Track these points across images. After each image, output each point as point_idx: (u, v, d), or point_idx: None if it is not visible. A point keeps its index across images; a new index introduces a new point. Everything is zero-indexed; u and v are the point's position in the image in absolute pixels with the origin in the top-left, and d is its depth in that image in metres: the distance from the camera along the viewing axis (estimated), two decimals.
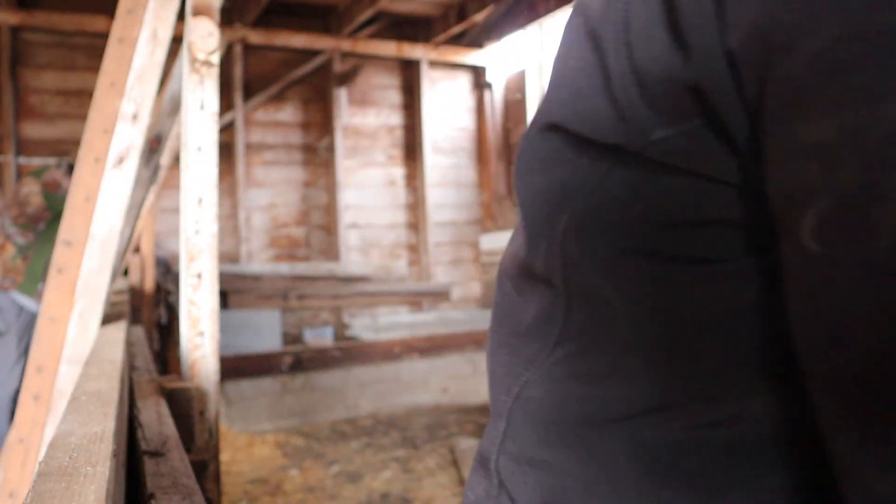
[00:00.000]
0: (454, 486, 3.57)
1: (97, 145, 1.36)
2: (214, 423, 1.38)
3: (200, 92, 1.40)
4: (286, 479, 3.79)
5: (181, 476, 0.70)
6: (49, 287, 1.34)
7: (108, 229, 1.37)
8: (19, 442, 1.28)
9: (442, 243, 6.27)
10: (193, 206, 1.40)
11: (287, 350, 4.82)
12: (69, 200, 1.36)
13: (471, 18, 5.56)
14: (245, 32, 5.41)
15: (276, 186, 5.68)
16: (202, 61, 1.39)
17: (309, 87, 5.86)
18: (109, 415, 0.71)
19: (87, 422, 0.68)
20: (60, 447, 0.60)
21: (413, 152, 6.19)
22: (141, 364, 1.44)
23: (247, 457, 4.18)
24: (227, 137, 5.46)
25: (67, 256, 1.33)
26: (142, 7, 1.39)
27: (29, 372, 1.30)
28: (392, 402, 5.13)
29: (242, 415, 4.69)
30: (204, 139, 1.41)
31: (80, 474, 0.54)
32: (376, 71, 6.09)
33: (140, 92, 1.39)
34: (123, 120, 1.37)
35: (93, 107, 1.39)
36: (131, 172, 1.39)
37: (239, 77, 5.53)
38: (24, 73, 4.97)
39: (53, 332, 1.31)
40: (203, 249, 1.40)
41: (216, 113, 1.44)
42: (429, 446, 4.25)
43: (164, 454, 0.77)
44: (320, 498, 3.53)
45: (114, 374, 0.93)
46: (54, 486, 0.52)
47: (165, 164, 2.16)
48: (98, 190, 1.36)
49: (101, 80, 1.38)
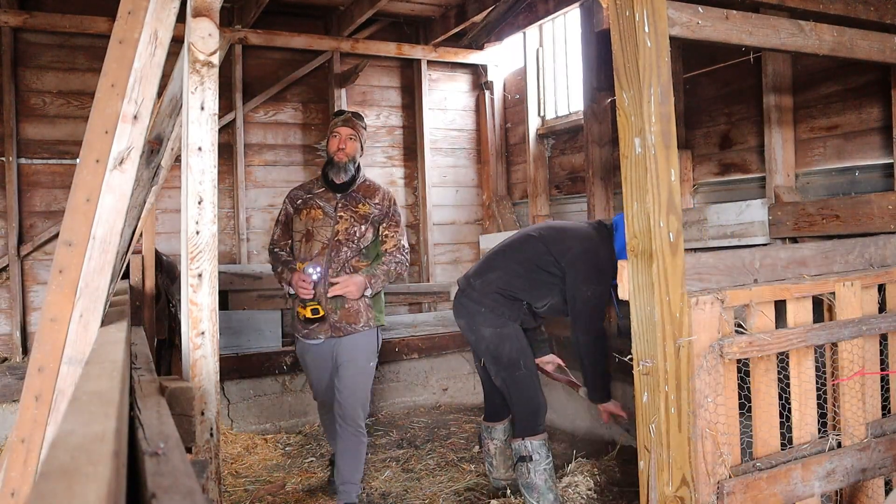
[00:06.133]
0: (454, 486, 3.58)
1: (98, 146, 1.37)
2: (215, 422, 1.38)
3: (201, 92, 1.41)
4: (286, 478, 3.80)
5: (182, 476, 0.71)
6: (50, 287, 1.34)
7: (108, 229, 1.37)
8: (21, 442, 1.28)
9: (442, 243, 6.27)
10: (193, 206, 1.41)
11: (287, 350, 4.82)
12: (70, 201, 1.37)
13: (470, 19, 5.56)
14: (245, 33, 5.42)
15: (276, 187, 5.68)
16: (202, 62, 1.40)
17: (309, 87, 5.87)
18: (110, 415, 0.71)
19: (88, 422, 0.69)
20: (62, 447, 0.61)
21: (413, 152, 6.20)
22: (142, 364, 1.45)
23: (247, 456, 4.18)
24: (227, 138, 5.46)
25: (68, 257, 1.34)
26: (142, 9, 1.39)
27: (30, 372, 1.31)
28: (392, 402, 5.13)
29: (243, 415, 4.69)
30: (204, 140, 1.41)
31: (81, 474, 0.54)
32: (376, 71, 6.09)
33: (140, 93, 1.40)
34: (124, 121, 1.38)
35: (94, 108, 1.39)
36: (132, 173, 1.40)
37: (239, 78, 5.53)
38: (25, 74, 4.98)
39: (54, 332, 1.32)
40: (203, 249, 1.41)
41: (216, 113, 1.44)
42: (429, 446, 4.25)
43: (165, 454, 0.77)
44: (320, 497, 3.54)
45: (115, 374, 0.94)
46: (56, 485, 0.52)
47: (166, 164, 2.17)
48: (99, 190, 1.36)
49: (101, 82, 1.38)
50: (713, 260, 2.02)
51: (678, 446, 1.82)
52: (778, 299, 2.06)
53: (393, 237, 3.25)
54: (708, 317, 1.89)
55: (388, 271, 3.19)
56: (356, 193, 3.26)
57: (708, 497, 1.87)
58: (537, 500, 3.09)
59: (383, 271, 3.18)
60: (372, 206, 3.24)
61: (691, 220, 3.97)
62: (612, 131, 4.73)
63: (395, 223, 3.27)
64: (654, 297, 1.80)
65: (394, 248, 3.24)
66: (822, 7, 2.35)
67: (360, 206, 3.23)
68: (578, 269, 3.06)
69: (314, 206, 3.25)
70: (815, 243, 2.36)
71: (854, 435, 2.16)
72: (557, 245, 3.13)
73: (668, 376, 1.80)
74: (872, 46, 2.36)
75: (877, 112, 3.26)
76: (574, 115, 5.46)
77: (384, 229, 3.25)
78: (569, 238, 3.15)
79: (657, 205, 1.80)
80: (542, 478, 3.10)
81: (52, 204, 5.00)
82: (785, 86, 3.60)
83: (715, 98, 4.10)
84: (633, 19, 1.81)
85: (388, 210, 3.27)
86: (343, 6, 5.63)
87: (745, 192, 3.91)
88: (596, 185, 4.81)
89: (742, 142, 3.96)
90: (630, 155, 1.86)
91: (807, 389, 2.13)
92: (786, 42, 2.17)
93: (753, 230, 3.63)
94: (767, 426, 2.06)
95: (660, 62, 1.83)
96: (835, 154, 3.47)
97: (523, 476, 3.12)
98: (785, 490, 1.98)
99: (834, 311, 2.17)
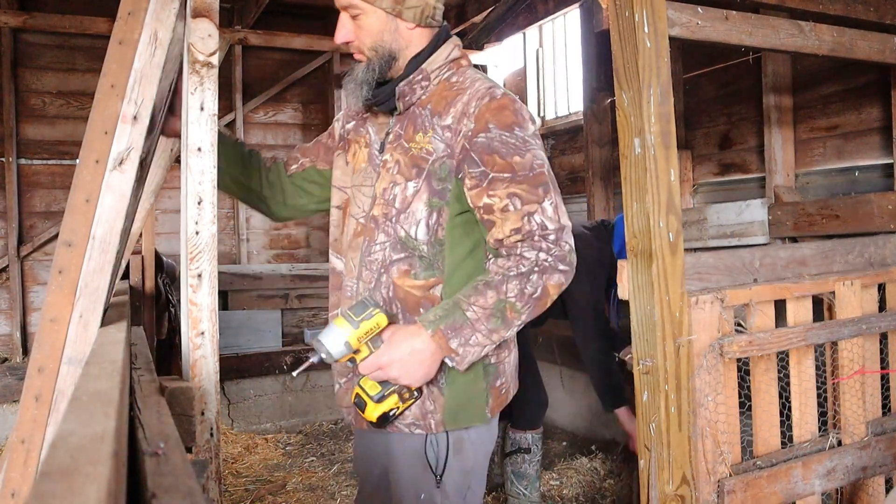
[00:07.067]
0: None
1: (98, 146, 1.37)
2: (215, 422, 1.38)
3: (200, 93, 1.41)
4: (286, 478, 3.80)
5: (182, 476, 0.71)
6: (50, 288, 1.34)
7: (108, 230, 1.37)
8: (21, 442, 1.28)
9: None
10: (193, 206, 1.41)
11: (287, 350, 4.82)
12: (70, 201, 1.37)
13: (470, 20, 5.56)
14: (245, 34, 5.42)
15: None
16: (202, 62, 1.40)
17: (309, 88, 5.87)
18: (110, 415, 0.71)
19: (88, 422, 0.69)
20: (62, 447, 0.61)
21: None
22: (142, 364, 1.45)
23: (247, 456, 4.18)
24: None
25: (68, 257, 1.34)
26: (142, 9, 1.39)
27: (30, 373, 1.31)
28: None
29: (243, 415, 4.69)
30: (204, 140, 1.41)
31: (81, 474, 0.54)
32: None
33: (140, 93, 1.40)
34: (124, 121, 1.38)
35: (93, 108, 1.39)
36: (132, 174, 1.40)
37: (239, 78, 5.53)
38: (24, 75, 4.98)
39: (54, 332, 1.32)
40: (203, 249, 1.41)
41: (216, 114, 1.44)
42: None
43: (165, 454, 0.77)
44: (320, 497, 3.54)
45: (114, 374, 0.94)
46: (56, 485, 0.52)
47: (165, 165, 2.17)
48: (98, 191, 1.36)
49: (101, 82, 1.38)
50: (713, 259, 2.02)
51: (678, 445, 1.82)
52: (778, 299, 2.06)
53: (504, 207, 1.41)
54: (708, 316, 1.89)
55: (504, 301, 1.37)
56: (421, 109, 1.51)
57: (708, 496, 1.87)
58: (526, 487, 3.22)
59: (490, 304, 1.37)
60: (438, 130, 1.46)
61: (691, 219, 3.97)
62: (611, 131, 4.73)
63: (499, 170, 1.40)
64: (653, 296, 1.80)
65: (514, 236, 1.41)
66: (822, 7, 2.35)
67: (417, 138, 1.49)
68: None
69: (360, 138, 1.64)
70: (815, 243, 2.36)
71: (854, 433, 2.16)
72: None
73: (668, 375, 1.81)
74: (872, 47, 2.36)
75: (876, 112, 3.26)
76: (574, 115, 5.46)
77: (472, 187, 1.44)
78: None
79: (657, 205, 1.80)
80: (535, 468, 3.23)
81: (51, 204, 5.00)
82: (785, 86, 3.60)
83: (715, 98, 4.10)
84: (633, 20, 1.81)
85: (476, 136, 1.42)
86: None
87: (745, 192, 3.91)
88: (596, 185, 4.81)
89: (742, 142, 3.96)
90: (630, 155, 1.86)
91: (807, 388, 2.13)
92: (785, 42, 2.17)
93: (753, 230, 3.63)
94: (768, 425, 2.06)
95: (659, 62, 1.83)
96: (835, 154, 3.47)
97: (517, 465, 3.23)
98: (785, 488, 1.98)
99: (834, 311, 2.18)
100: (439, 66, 1.53)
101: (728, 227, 3.78)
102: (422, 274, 1.47)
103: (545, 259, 1.40)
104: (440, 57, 1.53)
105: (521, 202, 1.40)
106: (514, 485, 3.24)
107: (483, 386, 1.51)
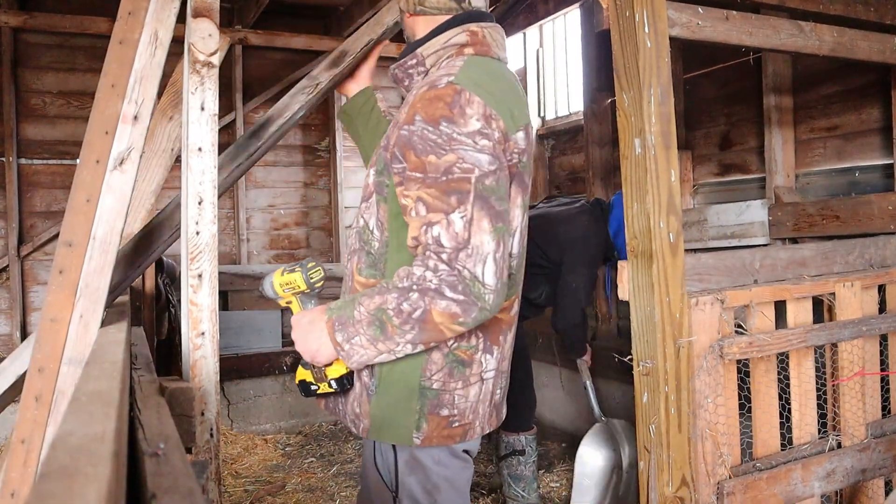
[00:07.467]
0: None
1: (98, 146, 1.37)
2: (215, 423, 1.38)
3: (201, 93, 1.41)
4: (286, 479, 3.80)
5: (182, 476, 0.71)
6: (50, 288, 1.34)
7: (108, 230, 1.37)
8: (21, 443, 1.28)
9: None
10: (193, 206, 1.41)
11: (287, 350, 4.82)
12: (70, 201, 1.37)
13: None
14: (245, 33, 5.42)
15: (276, 187, 5.68)
16: (203, 62, 1.40)
17: None
18: (110, 415, 0.71)
19: (88, 422, 0.69)
20: (62, 447, 0.61)
21: None
22: (142, 364, 1.45)
23: (247, 457, 4.18)
24: (228, 138, 5.46)
25: (68, 257, 1.34)
26: (142, 9, 1.39)
27: (30, 373, 1.31)
28: None
29: (242, 415, 4.69)
30: (204, 140, 1.41)
31: (81, 474, 0.54)
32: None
33: (141, 93, 1.40)
34: (124, 121, 1.38)
35: (94, 108, 1.39)
36: (132, 174, 1.40)
37: (239, 78, 5.53)
38: (25, 75, 4.98)
39: (54, 332, 1.32)
40: (203, 250, 1.41)
41: (216, 114, 1.45)
42: None
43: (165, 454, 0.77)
44: (320, 498, 3.54)
45: (115, 374, 0.94)
46: (56, 486, 0.52)
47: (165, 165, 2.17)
48: (99, 191, 1.36)
49: (102, 82, 1.38)
50: (713, 260, 2.02)
51: (678, 447, 1.82)
52: (778, 300, 2.06)
53: (410, 210, 1.30)
54: (708, 317, 1.89)
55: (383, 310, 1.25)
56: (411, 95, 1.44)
57: (708, 497, 1.87)
58: (524, 489, 3.21)
59: (372, 310, 1.27)
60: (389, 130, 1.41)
61: (691, 220, 3.97)
62: (612, 132, 4.73)
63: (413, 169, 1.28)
64: (653, 297, 1.80)
65: (413, 244, 1.30)
66: (822, 7, 2.35)
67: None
68: (566, 258, 3.10)
69: None
70: (815, 244, 2.36)
71: (854, 435, 2.16)
72: (543, 235, 3.14)
73: (668, 377, 1.80)
74: (872, 47, 2.36)
75: (877, 113, 3.26)
76: (574, 115, 5.46)
77: (396, 184, 1.34)
78: (557, 225, 3.19)
79: (657, 205, 1.80)
80: (531, 469, 3.24)
81: (52, 204, 5.00)
82: (785, 86, 3.60)
83: (715, 98, 4.10)
84: (633, 20, 1.81)
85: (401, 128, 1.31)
86: (343, 7, 5.63)
87: (746, 192, 3.91)
88: (596, 185, 4.81)
89: (742, 142, 3.96)
90: (630, 155, 1.86)
91: (807, 390, 2.13)
92: (786, 42, 2.17)
93: (753, 231, 3.63)
94: (767, 427, 2.06)
95: (660, 63, 1.83)
96: (835, 154, 3.47)
97: (513, 468, 3.22)
98: (785, 490, 1.98)
99: (834, 312, 2.17)
100: (436, 50, 1.42)
101: (728, 228, 3.78)
102: (365, 271, 1.42)
103: (429, 280, 1.21)
104: (438, 41, 1.43)
105: (427, 209, 1.24)
106: (512, 487, 3.23)
107: (415, 407, 1.38)
